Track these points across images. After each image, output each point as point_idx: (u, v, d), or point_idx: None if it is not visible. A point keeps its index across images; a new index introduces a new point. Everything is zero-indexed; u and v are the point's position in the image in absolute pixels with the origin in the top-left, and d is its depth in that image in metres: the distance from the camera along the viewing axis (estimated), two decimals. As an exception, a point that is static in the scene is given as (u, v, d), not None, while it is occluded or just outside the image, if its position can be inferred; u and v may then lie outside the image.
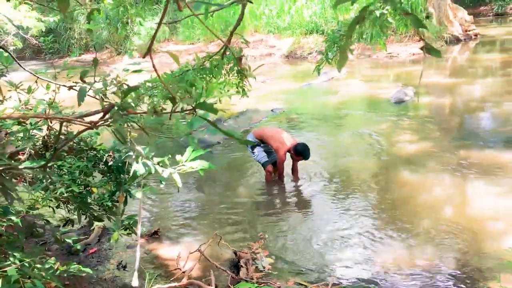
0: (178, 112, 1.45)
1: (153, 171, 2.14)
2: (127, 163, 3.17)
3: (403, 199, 4.82)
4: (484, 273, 3.47)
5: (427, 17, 15.41)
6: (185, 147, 7.03)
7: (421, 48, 1.26)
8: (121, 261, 4.04)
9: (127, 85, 1.97)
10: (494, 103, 8.21)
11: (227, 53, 8.52)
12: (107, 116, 1.47)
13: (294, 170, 5.63)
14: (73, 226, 4.04)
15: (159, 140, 2.70)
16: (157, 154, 2.58)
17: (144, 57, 1.43)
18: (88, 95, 1.80)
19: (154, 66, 1.33)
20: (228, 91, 9.20)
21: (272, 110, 8.94)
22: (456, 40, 15.81)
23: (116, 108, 1.27)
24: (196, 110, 1.44)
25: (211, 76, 8.43)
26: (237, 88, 8.92)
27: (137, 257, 1.97)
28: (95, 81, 2.11)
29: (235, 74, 9.03)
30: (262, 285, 3.53)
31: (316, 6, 16.63)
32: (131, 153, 2.09)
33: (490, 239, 3.90)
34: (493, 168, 5.27)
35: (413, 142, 6.45)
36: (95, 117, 1.61)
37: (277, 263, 3.92)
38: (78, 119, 1.38)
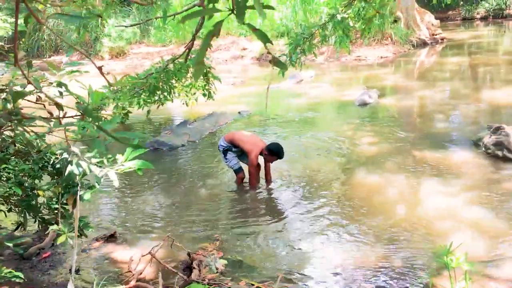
0: (66, 117, 1.47)
1: (88, 172, 2.15)
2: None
3: (360, 199, 4.91)
4: (429, 270, 3.58)
5: (395, 21, 15.72)
6: (150, 149, 6.97)
7: (270, 62, 1.32)
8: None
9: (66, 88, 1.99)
10: (453, 106, 8.46)
11: (192, 56, 8.40)
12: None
13: (267, 172, 5.56)
14: (25, 230, 4.01)
15: (108, 141, 2.68)
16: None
17: (14, 65, 1.44)
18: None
19: (26, 77, 1.35)
20: (194, 93, 9.15)
21: (239, 113, 8.98)
22: (423, 44, 16.17)
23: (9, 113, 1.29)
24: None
25: (176, 78, 8.32)
26: (203, 91, 8.85)
27: (73, 262, 1.97)
28: (29, 83, 2.11)
29: (201, 77, 8.93)
30: (213, 286, 3.56)
31: (287, 10, 16.78)
32: (65, 155, 2.11)
33: (438, 238, 4.02)
34: (446, 168, 5.44)
35: (373, 144, 6.58)
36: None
37: (232, 264, 3.95)
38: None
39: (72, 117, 1.47)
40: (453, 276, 2.57)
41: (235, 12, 1.05)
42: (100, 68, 1.44)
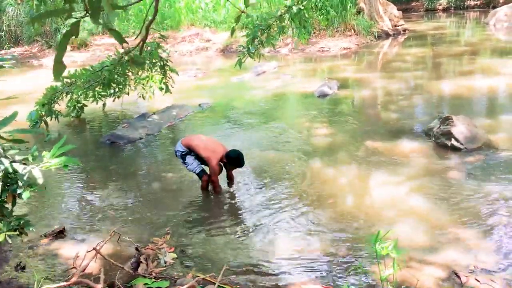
0: None
1: (10, 170, 2.12)
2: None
3: (311, 190, 4.98)
4: (363, 258, 3.69)
5: (358, 12, 15.89)
6: (106, 144, 6.88)
7: (128, 60, 1.33)
8: (20, 262, 3.95)
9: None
10: (410, 97, 8.65)
11: (148, 48, 8.29)
12: None
13: (230, 179, 5.33)
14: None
15: (50, 136, 2.62)
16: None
17: None
18: None
19: None
20: (151, 87, 9.02)
21: (199, 105, 8.94)
22: (385, 35, 16.41)
23: None
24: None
25: (131, 71, 8.15)
26: (160, 84, 8.73)
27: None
28: None
29: (158, 70, 8.82)
30: (160, 280, 3.57)
31: (252, 1, 16.72)
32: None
33: (382, 225, 4.12)
34: (395, 158, 5.58)
35: (328, 135, 6.68)
36: None
37: (182, 258, 3.96)
38: None
39: None
40: (382, 263, 2.65)
41: (89, 13, 1.05)
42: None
